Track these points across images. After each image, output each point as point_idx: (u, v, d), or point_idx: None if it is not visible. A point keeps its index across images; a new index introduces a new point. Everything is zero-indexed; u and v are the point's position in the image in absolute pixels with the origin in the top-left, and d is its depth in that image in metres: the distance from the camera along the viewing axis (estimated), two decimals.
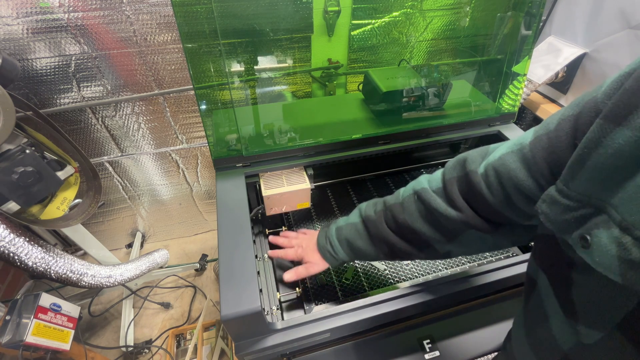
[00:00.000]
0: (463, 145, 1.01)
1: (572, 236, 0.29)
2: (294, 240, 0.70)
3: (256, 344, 0.56)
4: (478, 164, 0.43)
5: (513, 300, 0.79)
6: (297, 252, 0.67)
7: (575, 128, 0.32)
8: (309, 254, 0.64)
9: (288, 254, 0.68)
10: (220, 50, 0.73)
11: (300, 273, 0.64)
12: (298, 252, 0.66)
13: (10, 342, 0.88)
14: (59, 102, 1.13)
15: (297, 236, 0.71)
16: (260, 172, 0.79)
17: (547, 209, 0.31)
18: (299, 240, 0.69)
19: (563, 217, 0.29)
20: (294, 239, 0.70)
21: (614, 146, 0.25)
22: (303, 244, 0.67)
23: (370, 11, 0.99)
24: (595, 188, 0.27)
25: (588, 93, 0.31)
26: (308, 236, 0.69)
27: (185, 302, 1.54)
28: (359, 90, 1.00)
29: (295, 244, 0.68)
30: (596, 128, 0.27)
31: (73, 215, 1.04)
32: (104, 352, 1.32)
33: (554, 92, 1.33)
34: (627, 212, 0.25)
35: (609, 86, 0.28)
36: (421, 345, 0.70)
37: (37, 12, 0.94)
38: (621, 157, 0.25)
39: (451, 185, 0.46)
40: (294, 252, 0.67)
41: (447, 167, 0.48)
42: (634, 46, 1.01)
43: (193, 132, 1.36)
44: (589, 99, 0.31)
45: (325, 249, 0.61)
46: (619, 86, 0.27)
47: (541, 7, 0.81)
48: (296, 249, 0.67)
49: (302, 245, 0.67)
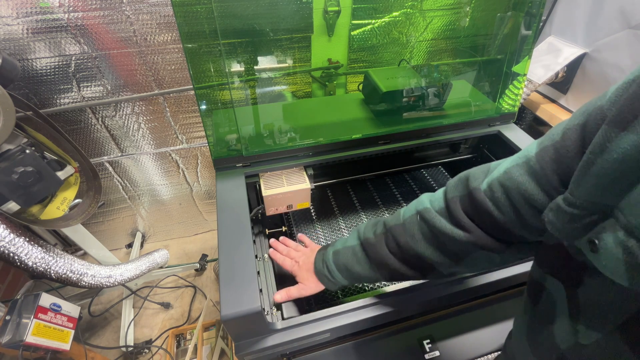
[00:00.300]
0: (463, 145, 1.01)
1: (580, 241, 0.29)
2: (293, 252, 0.68)
3: (256, 344, 0.56)
4: (481, 180, 0.42)
5: (513, 300, 0.79)
6: (292, 267, 0.64)
7: (582, 137, 0.31)
8: (304, 275, 0.61)
9: (285, 264, 0.66)
10: (220, 50, 0.73)
11: (291, 294, 0.61)
12: (294, 268, 0.64)
13: (10, 342, 0.88)
14: (59, 102, 1.13)
15: (297, 248, 0.69)
16: (260, 172, 0.79)
17: (553, 217, 0.31)
18: (297, 254, 0.66)
19: (570, 225, 0.29)
20: (293, 250, 0.68)
21: (619, 151, 0.25)
22: (300, 260, 0.64)
23: (370, 11, 0.99)
24: (600, 194, 0.27)
25: (593, 102, 0.31)
26: (307, 253, 0.66)
27: (185, 302, 1.54)
28: (359, 90, 1.00)
29: (294, 257, 0.66)
30: (601, 134, 0.27)
31: (73, 215, 1.04)
32: (104, 352, 1.32)
33: (554, 92, 1.33)
34: (632, 215, 0.25)
35: (613, 93, 0.29)
36: (421, 345, 0.70)
37: (37, 12, 0.94)
38: (626, 162, 0.25)
39: (454, 204, 0.44)
40: (290, 265, 0.65)
41: (448, 185, 0.47)
42: (634, 46, 1.01)
43: (193, 132, 1.36)
44: (594, 107, 0.31)
45: (322, 273, 0.58)
46: (624, 92, 0.27)
47: (541, 7, 0.81)
48: (292, 264, 0.65)
49: (298, 261, 0.64)
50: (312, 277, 0.60)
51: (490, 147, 0.96)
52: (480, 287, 0.64)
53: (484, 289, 0.66)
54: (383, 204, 0.95)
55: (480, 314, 0.75)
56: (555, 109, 1.30)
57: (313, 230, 0.88)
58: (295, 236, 0.86)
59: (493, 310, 0.76)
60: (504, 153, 0.91)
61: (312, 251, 0.64)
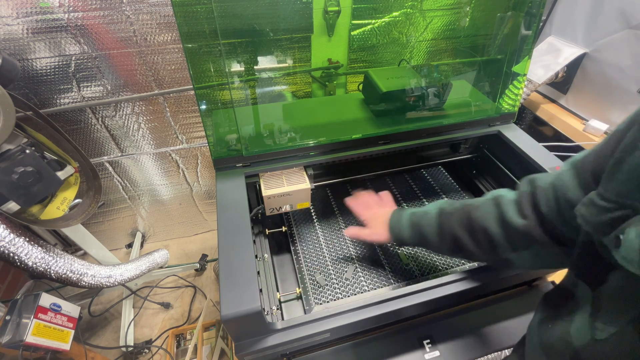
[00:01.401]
0: (463, 145, 1.01)
1: (608, 237, 0.30)
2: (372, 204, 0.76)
3: (256, 344, 0.56)
4: (543, 181, 0.48)
5: (513, 300, 0.79)
6: (370, 216, 0.72)
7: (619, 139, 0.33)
8: (376, 223, 0.69)
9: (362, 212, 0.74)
10: (220, 50, 0.73)
11: (361, 234, 0.70)
12: (370, 217, 0.72)
13: (10, 342, 0.88)
14: (59, 102, 1.13)
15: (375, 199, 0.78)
16: (260, 172, 0.79)
17: (585, 211, 0.34)
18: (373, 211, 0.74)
19: (599, 219, 0.31)
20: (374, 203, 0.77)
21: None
22: (378, 212, 0.72)
23: (370, 11, 0.99)
24: (631, 190, 0.29)
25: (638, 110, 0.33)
26: (382, 208, 0.74)
27: (185, 302, 1.54)
28: (359, 90, 1.00)
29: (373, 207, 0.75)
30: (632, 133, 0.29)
31: (73, 215, 1.04)
32: (104, 352, 1.32)
33: (554, 92, 1.33)
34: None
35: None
36: (421, 345, 0.70)
37: (37, 12, 0.94)
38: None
39: (520, 197, 0.50)
40: (369, 215, 0.73)
41: (520, 182, 0.54)
42: (634, 46, 1.01)
43: (193, 132, 1.36)
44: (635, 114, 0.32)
45: (394, 226, 0.65)
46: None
47: (541, 7, 0.81)
48: (372, 215, 0.73)
49: (377, 214, 0.72)
50: (384, 227, 0.67)
51: (490, 147, 0.96)
52: (480, 287, 0.64)
53: (484, 289, 0.66)
54: None
55: (480, 314, 0.75)
56: (555, 109, 1.30)
57: (313, 230, 0.88)
58: (295, 236, 0.86)
59: (493, 310, 0.76)
60: (504, 153, 0.91)
61: (390, 209, 0.71)
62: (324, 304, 0.71)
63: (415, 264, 0.79)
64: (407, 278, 0.76)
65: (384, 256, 0.81)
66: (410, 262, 0.79)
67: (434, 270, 0.77)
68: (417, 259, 0.80)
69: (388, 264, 0.79)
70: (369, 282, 0.75)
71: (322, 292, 0.73)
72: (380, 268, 0.78)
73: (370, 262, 0.79)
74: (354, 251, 0.82)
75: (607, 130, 1.13)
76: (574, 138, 1.19)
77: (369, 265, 0.79)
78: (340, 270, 0.78)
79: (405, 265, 0.78)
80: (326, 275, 0.77)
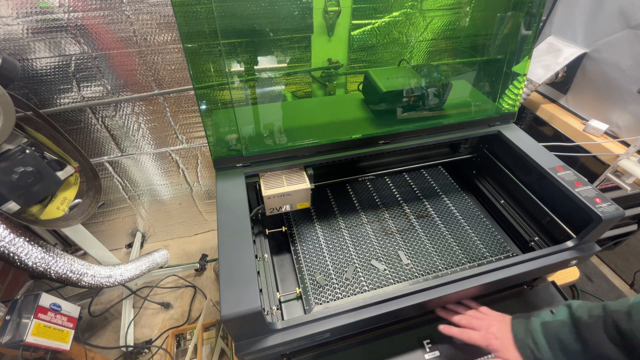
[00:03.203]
0: (463, 145, 1.01)
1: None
2: (475, 321, 0.63)
3: (256, 344, 0.56)
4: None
5: (513, 300, 0.79)
6: (487, 339, 0.59)
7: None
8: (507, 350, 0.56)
9: (472, 337, 0.61)
10: (220, 50, 0.73)
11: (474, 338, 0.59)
12: (490, 340, 0.59)
13: (10, 342, 0.88)
14: (59, 102, 1.13)
15: (475, 315, 0.64)
16: (260, 172, 0.79)
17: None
18: (483, 323, 0.62)
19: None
20: (474, 318, 0.64)
21: None
22: (493, 329, 0.60)
23: (370, 11, 0.99)
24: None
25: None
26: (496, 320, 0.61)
27: (185, 302, 1.54)
28: (359, 90, 1.00)
29: (479, 327, 0.62)
30: None
31: (73, 215, 1.04)
32: (104, 352, 1.32)
33: (554, 92, 1.33)
34: None
35: None
36: (421, 345, 0.70)
37: (37, 12, 0.94)
38: None
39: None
40: (481, 337, 0.60)
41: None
42: (634, 46, 1.01)
43: (193, 132, 1.36)
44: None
45: (525, 344, 0.54)
46: None
47: (541, 7, 0.81)
48: (485, 335, 0.60)
49: (491, 331, 0.60)
50: (516, 351, 0.55)
51: (490, 147, 0.96)
52: (480, 287, 0.64)
53: (484, 289, 0.65)
54: (383, 204, 0.95)
55: None
56: (555, 109, 1.30)
57: (313, 230, 0.88)
58: (295, 236, 0.86)
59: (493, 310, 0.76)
60: (504, 153, 0.91)
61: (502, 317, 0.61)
62: (324, 304, 0.71)
63: (414, 264, 0.79)
64: (407, 278, 0.76)
65: (384, 256, 0.81)
66: (409, 262, 0.79)
67: (434, 270, 0.77)
68: (417, 259, 0.80)
69: (387, 264, 0.79)
70: (369, 282, 0.75)
71: (322, 292, 0.73)
72: (380, 268, 0.78)
73: (370, 262, 0.79)
74: (354, 251, 0.82)
75: (607, 130, 1.13)
76: (574, 138, 1.19)
77: (369, 265, 0.79)
78: (340, 270, 0.78)
79: (405, 265, 0.78)
80: (326, 275, 0.77)
